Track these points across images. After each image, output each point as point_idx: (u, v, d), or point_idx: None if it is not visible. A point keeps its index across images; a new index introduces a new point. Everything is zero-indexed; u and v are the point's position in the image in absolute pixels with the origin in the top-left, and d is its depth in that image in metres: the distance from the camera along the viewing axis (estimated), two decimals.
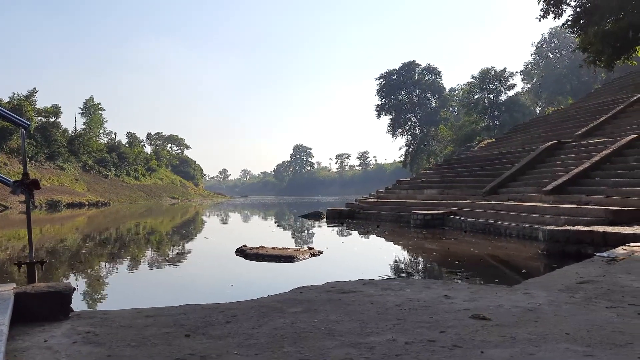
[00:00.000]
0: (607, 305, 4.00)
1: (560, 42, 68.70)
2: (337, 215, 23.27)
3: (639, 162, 14.71)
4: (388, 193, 25.83)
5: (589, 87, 54.73)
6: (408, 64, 72.58)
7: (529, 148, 21.03)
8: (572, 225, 10.98)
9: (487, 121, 58.32)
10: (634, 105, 21.14)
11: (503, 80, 60.29)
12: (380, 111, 72.07)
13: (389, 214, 20.50)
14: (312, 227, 21.32)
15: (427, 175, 27.32)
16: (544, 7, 21.09)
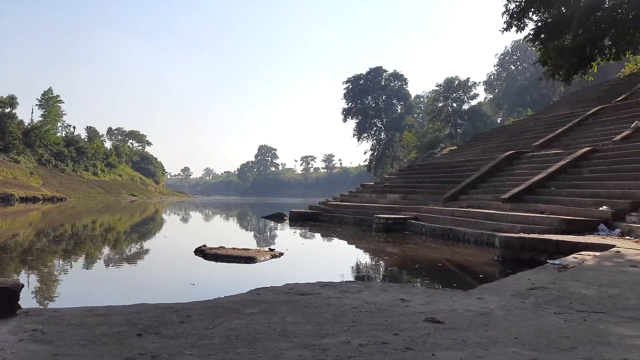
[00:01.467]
0: (555, 311, 4.13)
1: (522, 54, 70.73)
2: (300, 217, 23.26)
3: (593, 173, 15.26)
4: (352, 196, 25.99)
5: (548, 99, 56.51)
6: (375, 69, 73.39)
7: (489, 157, 21.52)
8: (528, 233, 11.29)
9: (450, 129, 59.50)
10: (589, 119, 21.93)
11: (466, 90, 61.74)
12: (346, 115, 72.59)
13: (352, 217, 20.63)
14: (275, 228, 21.24)
15: (391, 180, 27.62)
16: (507, 20, 21.67)
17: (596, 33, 19.26)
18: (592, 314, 4.01)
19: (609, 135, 18.07)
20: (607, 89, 27.83)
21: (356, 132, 73.40)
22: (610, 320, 3.78)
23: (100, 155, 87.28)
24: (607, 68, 38.26)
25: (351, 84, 72.38)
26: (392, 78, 74.17)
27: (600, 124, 20.47)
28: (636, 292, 4.98)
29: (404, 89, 74.63)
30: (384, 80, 73.65)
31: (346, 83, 72.72)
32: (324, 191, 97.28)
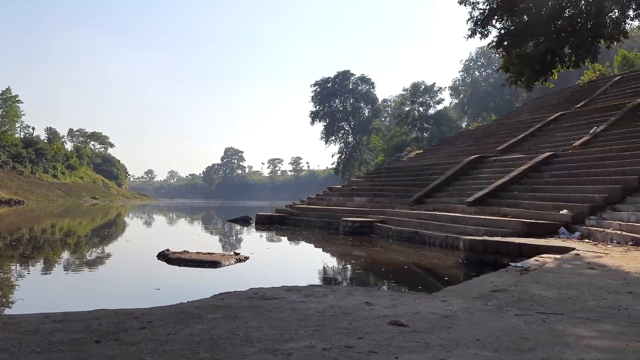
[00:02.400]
0: (516, 312, 4.20)
1: (486, 61, 72.29)
2: (266, 220, 23.11)
3: (553, 178, 15.68)
4: (319, 199, 26.00)
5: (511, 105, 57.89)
6: (343, 72, 73.80)
7: (454, 160, 21.87)
8: (491, 236, 11.51)
9: (417, 133, 60.29)
10: (550, 125, 22.55)
11: (432, 95, 62.75)
12: (314, 117, 72.74)
13: (319, 221, 20.62)
14: (240, 232, 21.04)
15: (358, 183, 27.76)
16: (471, 28, 22.13)
17: (557, 41, 19.86)
18: (552, 315, 4.09)
19: (569, 141, 18.60)
20: (567, 96, 28.69)
21: (324, 135, 73.66)
22: (568, 322, 3.87)
23: (60, 157, 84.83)
24: (567, 75, 39.48)
25: (319, 87, 72.61)
26: (359, 82, 74.78)
27: (561, 130, 21.06)
28: (593, 293, 5.11)
29: (371, 92, 75.31)
30: (351, 83, 74.19)
31: (314, 86, 72.95)
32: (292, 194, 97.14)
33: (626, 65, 34.23)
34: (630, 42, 43.34)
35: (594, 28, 19.37)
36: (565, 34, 19.86)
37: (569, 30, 19.81)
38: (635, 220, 10.58)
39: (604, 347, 3.15)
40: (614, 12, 19.87)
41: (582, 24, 19.58)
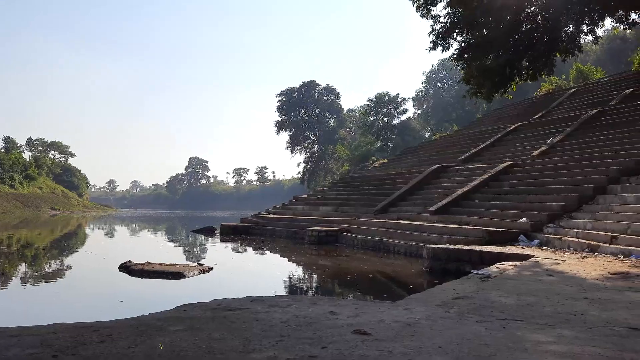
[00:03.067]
0: (477, 319, 4.27)
1: (448, 73, 73.82)
2: (231, 230, 22.87)
3: (513, 187, 16.09)
4: (284, 209, 25.93)
5: (472, 116, 59.23)
6: (308, 83, 74.07)
7: (417, 170, 22.21)
8: (454, 244, 11.70)
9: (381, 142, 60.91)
10: (510, 135, 23.20)
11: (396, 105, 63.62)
12: (279, 127, 72.63)
13: (285, 230, 20.55)
14: (205, 242, 20.76)
15: (324, 192, 27.83)
16: (433, 40, 22.60)
17: (515, 55, 20.47)
18: (511, 321, 4.19)
19: (527, 151, 19.15)
20: (526, 107, 29.59)
21: (289, 145, 73.58)
22: (527, 328, 3.96)
23: (18, 167, 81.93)
24: (526, 87, 40.70)
25: (284, 97, 72.62)
26: (325, 92, 75.16)
27: (520, 140, 21.68)
28: (551, 300, 5.26)
29: (336, 102, 75.78)
30: (317, 93, 74.50)
31: (279, 96, 72.91)
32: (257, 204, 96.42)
33: (581, 78, 35.57)
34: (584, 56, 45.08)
35: (550, 42, 20.06)
36: (523, 47, 20.49)
37: (527, 44, 20.46)
38: (590, 228, 10.95)
39: (561, 352, 3.24)
40: (569, 27, 20.64)
41: (538, 38, 20.25)
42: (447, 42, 22.39)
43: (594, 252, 9.68)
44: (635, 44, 38.34)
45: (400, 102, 64.18)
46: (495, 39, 20.38)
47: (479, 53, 21.17)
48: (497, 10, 19.88)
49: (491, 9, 19.86)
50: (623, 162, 13.30)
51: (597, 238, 10.17)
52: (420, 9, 23.05)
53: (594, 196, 12.56)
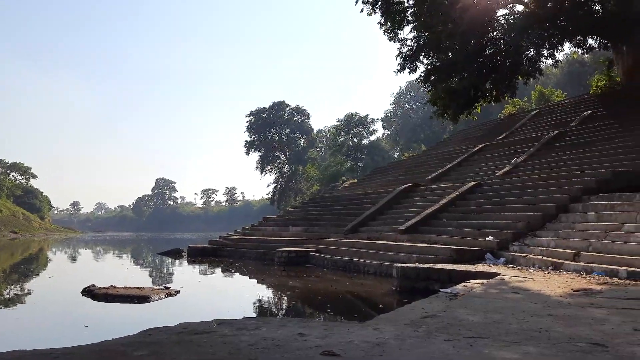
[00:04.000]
0: (445, 338, 4.29)
1: (416, 94, 75.19)
2: (199, 252, 22.50)
3: (479, 206, 16.38)
4: (254, 230, 25.70)
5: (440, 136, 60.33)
6: (278, 103, 74.33)
7: (387, 190, 22.39)
8: (423, 263, 11.80)
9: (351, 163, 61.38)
10: (475, 155, 23.68)
11: (366, 126, 64.52)
12: (249, 148, 72.38)
13: (254, 252, 20.34)
14: (172, 265, 20.36)
15: (294, 212, 27.73)
16: (400, 63, 23.15)
17: (479, 77, 21.09)
18: (478, 339, 4.22)
19: (492, 171, 19.56)
20: (490, 128, 30.30)
21: (259, 165, 73.34)
22: (493, 345, 4.00)
23: None
24: (490, 109, 41.78)
25: (254, 117, 72.58)
26: (295, 112, 75.51)
27: (485, 160, 22.14)
28: (517, 317, 5.33)
29: (306, 123, 76.17)
30: (286, 114, 74.74)
31: (249, 116, 72.82)
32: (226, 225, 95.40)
33: (542, 100, 36.73)
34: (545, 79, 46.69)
35: (512, 66, 20.76)
36: (487, 70, 21.14)
37: (490, 67, 21.12)
38: (554, 245, 11.21)
39: None
40: (530, 51, 21.43)
41: (501, 61, 20.94)
42: (414, 64, 22.97)
43: (558, 270, 9.89)
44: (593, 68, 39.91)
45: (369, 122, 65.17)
46: (460, 62, 20.99)
47: (445, 75, 21.74)
48: (462, 35, 20.52)
49: (456, 34, 20.48)
50: (584, 182, 13.71)
51: (561, 256, 10.40)
52: (387, 33, 23.63)
53: (557, 215, 12.88)
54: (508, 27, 21.23)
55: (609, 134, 18.06)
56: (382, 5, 22.86)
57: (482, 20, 20.85)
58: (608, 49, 23.22)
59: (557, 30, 20.62)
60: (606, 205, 11.55)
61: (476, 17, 20.34)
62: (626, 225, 10.18)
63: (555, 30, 20.62)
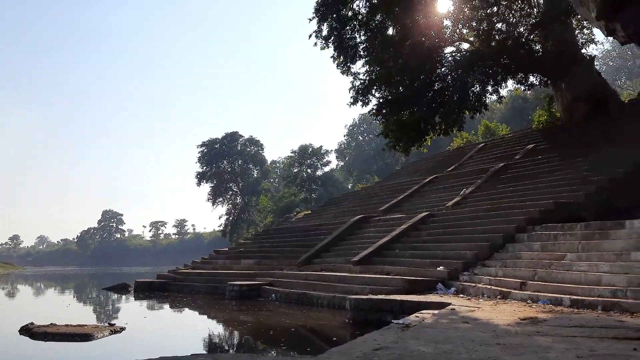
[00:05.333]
0: None
1: (368, 126, 76.82)
2: (146, 287, 21.72)
3: (430, 236, 16.64)
4: (204, 263, 25.11)
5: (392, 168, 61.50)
6: (231, 134, 74.05)
7: (340, 221, 22.46)
8: (376, 294, 11.81)
9: (305, 194, 61.51)
10: (426, 187, 24.21)
11: (320, 157, 65.11)
12: (200, 179, 71.34)
13: (204, 286, 19.82)
14: (117, 301, 19.55)
15: (246, 245, 27.35)
16: (353, 96, 23.62)
17: (429, 111, 21.75)
18: None
19: (442, 201, 20.01)
20: (440, 160, 31.16)
21: (211, 197, 72.21)
22: None
23: None
24: (440, 142, 43.04)
25: (206, 148, 71.89)
26: (248, 143, 75.36)
27: (435, 191, 22.66)
28: (466, 347, 5.38)
29: (260, 154, 76.10)
30: (240, 145, 74.49)
31: (201, 147, 72.05)
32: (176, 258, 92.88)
33: (488, 133, 38.17)
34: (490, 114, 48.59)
35: (460, 100, 21.52)
36: (436, 104, 21.83)
37: (439, 101, 21.83)
38: (502, 275, 11.47)
39: None
40: (476, 87, 22.33)
41: (449, 96, 21.69)
42: (366, 97, 23.47)
43: (506, 299, 10.10)
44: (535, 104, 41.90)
45: (323, 154, 65.83)
46: (411, 96, 21.64)
47: (396, 109, 22.31)
48: (412, 70, 21.23)
49: (406, 69, 21.17)
50: (528, 212, 14.18)
51: (508, 285, 10.65)
52: (340, 66, 24.16)
53: (504, 244, 13.22)
54: (455, 64, 22.12)
55: (551, 166, 18.87)
56: (335, 40, 23.42)
57: (430, 56, 21.65)
58: (548, 86, 24.47)
59: (500, 67, 21.62)
60: (550, 235, 11.96)
61: (425, 54, 21.11)
62: (569, 255, 10.55)
63: (499, 67, 21.62)
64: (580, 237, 10.95)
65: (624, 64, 69.40)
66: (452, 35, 23.60)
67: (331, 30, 23.41)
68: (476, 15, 22.64)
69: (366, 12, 23.30)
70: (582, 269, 9.71)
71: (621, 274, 8.86)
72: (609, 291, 8.56)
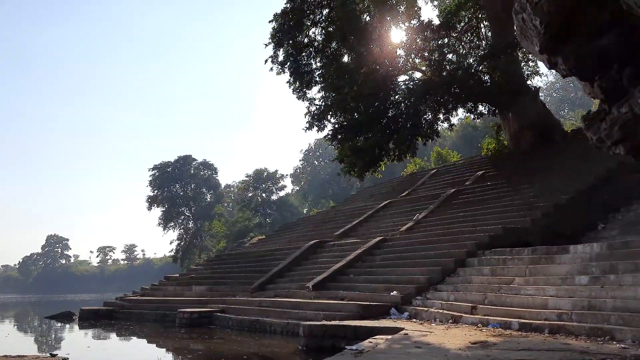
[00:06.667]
0: None
1: (324, 151, 77.36)
2: (92, 315, 20.78)
3: (384, 261, 16.73)
4: (154, 290, 24.29)
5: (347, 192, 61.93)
6: (184, 157, 72.88)
7: (295, 246, 22.31)
8: (330, 320, 11.71)
9: (260, 218, 61.03)
10: (380, 211, 24.45)
11: (275, 181, 64.94)
12: (151, 203, 69.40)
13: (154, 313, 19.14)
14: (60, 330, 18.62)
15: (198, 271, 26.71)
16: (309, 121, 23.86)
17: (383, 137, 22.17)
18: None
19: (396, 226, 20.23)
20: (394, 186, 31.64)
21: (162, 221, 70.22)
22: None
23: None
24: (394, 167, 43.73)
25: (158, 171, 70.33)
26: (201, 167, 74.33)
27: (389, 216, 22.91)
28: None
29: (213, 177, 75.13)
30: (193, 168, 73.34)
31: (152, 170, 70.45)
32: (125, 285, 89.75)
33: (440, 160, 39.20)
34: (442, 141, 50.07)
35: (413, 128, 22.08)
36: (390, 131, 22.28)
37: (393, 128, 22.30)
38: (453, 299, 11.63)
39: None
40: (428, 115, 22.99)
41: (402, 123, 22.21)
42: (322, 123, 23.74)
43: (457, 323, 10.22)
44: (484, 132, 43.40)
45: (278, 178, 65.78)
46: (365, 123, 22.04)
47: (351, 134, 22.64)
48: (366, 97, 21.66)
49: (361, 96, 21.58)
50: (478, 237, 14.52)
51: (459, 309, 10.80)
52: (296, 92, 24.41)
53: (455, 269, 13.43)
54: (408, 92, 22.73)
55: (499, 192, 19.47)
56: (290, 65, 23.68)
57: (384, 84, 22.20)
58: (496, 115, 25.43)
59: (451, 96, 22.35)
60: (499, 259, 12.26)
61: (379, 82, 21.63)
62: (517, 279, 10.82)
63: (450, 96, 22.34)
64: (528, 261, 11.27)
65: (567, 96, 73.23)
66: (405, 65, 24.30)
67: (287, 56, 23.69)
68: (428, 45, 23.44)
69: (322, 40, 23.77)
70: (530, 293, 9.98)
71: (566, 297, 9.15)
72: (555, 314, 8.81)
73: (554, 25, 4.57)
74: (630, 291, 8.38)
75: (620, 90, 4.52)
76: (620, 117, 4.50)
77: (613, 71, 4.56)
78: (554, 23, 4.57)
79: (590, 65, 4.66)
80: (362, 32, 22.35)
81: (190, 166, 73.13)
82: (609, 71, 4.59)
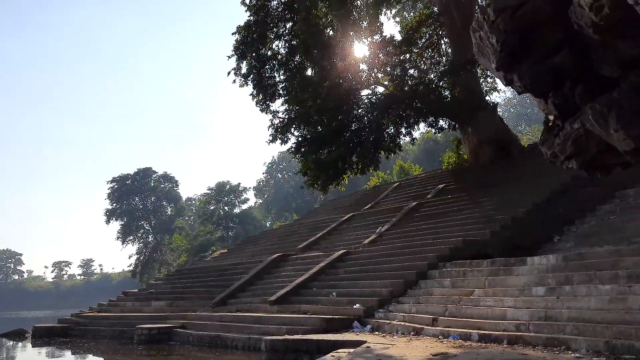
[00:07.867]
0: None
1: (287, 164, 77.39)
2: (46, 332, 19.96)
3: (347, 274, 16.74)
4: (111, 306, 23.57)
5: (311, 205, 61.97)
6: (144, 170, 71.55)
7: (258, 259, 22.08)
8: (293, 334, 11.61)
9: (222, 232, 60.27)
10: (344, 224, 24.52)
11: (237, 194, 64.37)
12: (110, 216, 67.75)
13: (111, 330, 18.54)
14: (12, 348, 17.81)
15: (157, 285, 26.07)
16: (272, 134, 23.82)
17: (346, 150, 22.33)
18: None
19: (359, 239, 20.30)
20: (357, 199, 31.82)
21: (120, 235, 68.60)
22: None
23: None
24: (357, 180, 44.12)
25: (117, 184, 68.77)
26: (162, 179, 73.12)
27: (353, 229, 22.99)
28: None
29: (174, 190, 73.99)
30: (153, 181, 72.06)
31: (111, 183, 68.84)
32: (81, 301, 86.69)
33: (402, 173, 39.75)
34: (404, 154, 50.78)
35: (375, 141, 22.32)
36: (353, 144, 22.47)
37: (356, 141, 22.50)
38: (415, 311, 11.72)
39: None
40: (390, 128, 23.31)
41: (365, 137, 22.43)
42: (285, 136, 23.73)
43: (419, 335, 10.30)
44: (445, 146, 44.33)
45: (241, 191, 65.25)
46: (329, 136, 22.16)
47: (314, 147, 22.70)
48: (330, 110, 21.81)
49: (324, 109, 21.72)
50: (439, 249, 14.72)
51: (421, 321, 10.88)
52: (259, 104, 24.37)
53: (417, 281, 13.56)
54: (371, 106, 23.03)
55: (460, 206, 19.83)
56: (254, 78, 23.66)
57: (348, 98, 22.43)
58: (456, 130, 25.99)
59: (413, 111, 22.75)
60: (459, 271, 12.45)
61: (343, 95, 21.84)
62: (476, 291, 11.01)
63: (412, 111, 22.74)
64: (487, 273, 11.48)
65: (524, 111, 75.68)
66: (368, 79, 24.64)
67: (250, 69, 23.66)
68: (390, 60, 23.85)
69: (285, 53, 23.86)
70: (489, 304, 10.15)
71: (524, 308, 9.35)
72: (514, 325, 8.98)
73: (510, 43, 4.72)
74: (584, 302, 8.64)
75: (572, 107, 4.69)
76: (573, 132, 4.66)
77: (566, 88, 4.73)
78: (509, 41, 4.72)
79: (545, 83, 4.83)
80: (325, 46, 22.54)
81: (150, 179, 71.83)
82: (562, 88, 4.76)
